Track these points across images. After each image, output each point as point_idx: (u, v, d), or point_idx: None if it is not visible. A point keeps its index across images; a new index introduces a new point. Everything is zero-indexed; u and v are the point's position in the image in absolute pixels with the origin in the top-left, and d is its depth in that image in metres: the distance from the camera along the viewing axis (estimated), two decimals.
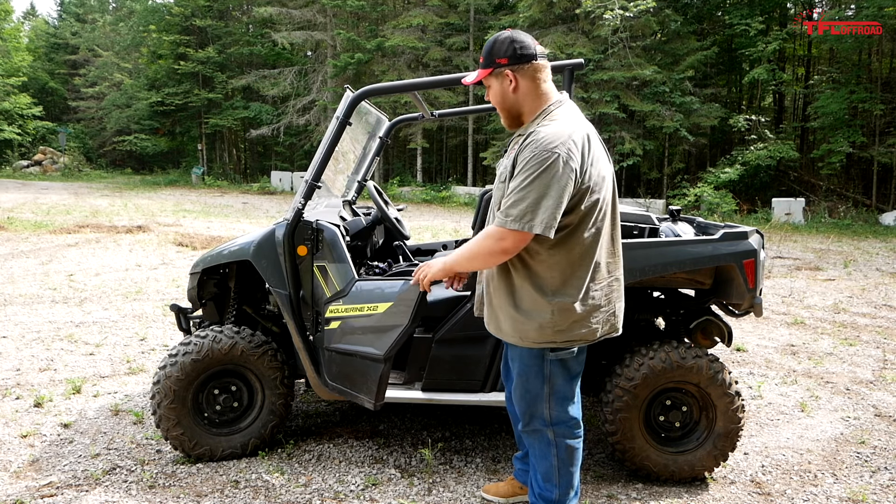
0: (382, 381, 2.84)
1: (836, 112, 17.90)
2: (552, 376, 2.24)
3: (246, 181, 31.02)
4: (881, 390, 4.37)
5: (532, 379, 2.26)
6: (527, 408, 2.30)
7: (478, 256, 2.14)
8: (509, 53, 2.11)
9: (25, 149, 36.20)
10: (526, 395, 2.29)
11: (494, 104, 2.23)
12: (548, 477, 2.34)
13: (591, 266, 2.15)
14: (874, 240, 13.61)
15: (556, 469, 2.32)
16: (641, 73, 18.38)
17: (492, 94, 2.21)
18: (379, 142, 4.35)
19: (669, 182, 20.76)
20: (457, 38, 24.53)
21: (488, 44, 2.17)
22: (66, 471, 3.06)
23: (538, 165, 1.99)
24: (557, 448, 2.30)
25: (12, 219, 13.21)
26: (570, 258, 2.13)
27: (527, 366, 2.26)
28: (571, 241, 2.11)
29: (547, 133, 2.03)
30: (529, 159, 2.01)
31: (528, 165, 2.01)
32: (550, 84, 2.20)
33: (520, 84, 2.14)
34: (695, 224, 3.42)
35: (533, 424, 2.31)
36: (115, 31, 40.08)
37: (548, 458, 2.32)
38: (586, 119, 2.25)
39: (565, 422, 2.29)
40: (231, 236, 10.78)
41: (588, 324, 2.18)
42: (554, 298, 2.14)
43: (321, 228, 3.04)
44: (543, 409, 2.27)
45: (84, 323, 5.74)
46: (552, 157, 1.98)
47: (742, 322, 6.15)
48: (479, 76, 2.19)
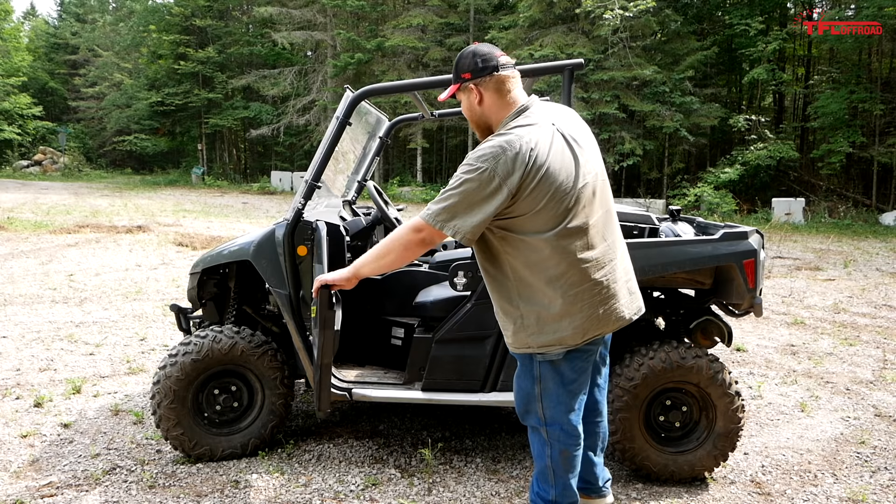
0: (323, 388, 2.65)
1: (836, 112, 17.90)
2: (542, 378, 2.23)
3: (246, 181, 31.03)
4: (881, 390, 4.37)
5: (524, 378, 2.29)
6: (522, 405, 2.33)
7: (390, 251, 2.15)
8: (472, 67, 2.12)
9: (25, 149, 36.21)
10: (520, 393, 2.32)
11: (466, 118, 2.24)
12: (544, 477, 2.34)
13: (561, 270, 2.09)
14: (874, 240, 13.61)
15: (551, 470, 2.31)
16: (641, 73, 18.38)
17: (463, 108, 2.24)
18: (379, 142, 4.35)
19: (669, 182, 20.76)
20: (457, 38, 24.52)
21: (456, 59, 2.20)
22: (66, 471, 3.06)
23: (466, 174, 2.03)
24: (551, 449, 2.28)
25: (12, 219, 13.21)
26: (532, 265, 2.10)
27: (521, 364, 2.30)
28: (534, 246, 2.07)
29: (487, 145, 2.04)
30: (463, 166, 2.05)
31: (460, 171, 2.06)
32: (518, 92, 2.18)
33: (484, 96, 2.15)
34: (695, 224, 3.42)
35: (528, 420, 2.33)
36: (115, 31, 40.10)
37: (543, 459, 2.32)
38: (574, 116, 2.24)
39: (560, 425, 2.24)
40: (231, 236, 10.77)
41: (563, 329, 2.12)
42: (522, 304, 2.15)
43: (317, 228, 3.04)
44: (537, 408, 2.27)
45: (84, 323, 5.74)
46: (479, 169, 2.00)
47: (742, 322, 6.15)
48: (450, 92, 2.22)
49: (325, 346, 2.59)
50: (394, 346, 3.37)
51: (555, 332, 2.13)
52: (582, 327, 2.14)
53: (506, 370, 2.97)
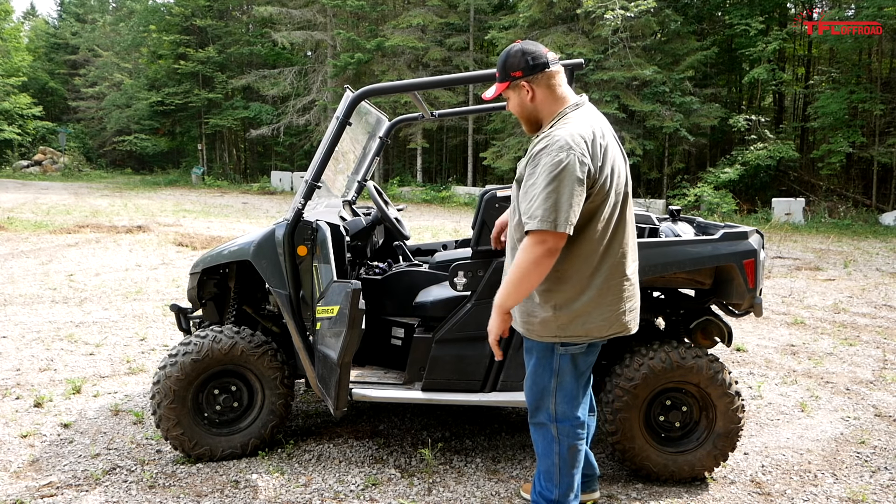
0: (341, 387, 2.75)
1: (836, 112, 17.89)
2: (560, 372, 2.28)
3: (246, 181, 31.02)
4: (881, 390, 4.37)
5: (541, 372, 2.31)
6: (534, 400, 2.35)
7: (526, 274, 2.09)
8: (523, 65, 2.18)
9: (25, 149, 36.19)
10: (534, 388, 2.34)
11: (515, 114, 2.31)
12: (549, 476, 2.36)
13: (596, 263, 2.19)
14: (874, 240, 13.61)
15: (558, 468, 2.34)
16: (641, 73, 18.37)
17: (511, 105, 2.29)
18: (379, 142, 4.35)
19: (669, 182, 20.75)
20: (457, 38, 24.53)
21: (501, 58, 2.24)
22: (66, 471, 3.06)
23: (554, 167, 2.05)
24: (560, 446, 2.33)
25: (12, 219, 13.21)
26: (575, 255, 2.17)
27: (538, 358, 2.31)
28: (579, 238, 2.15)
29: (560, 135, 2.09)
30: (546, 162, 2.07)
31: (544, 168, 2.07)
32: (566, 88, 2.27)
33: (536, 93, 2.21)
34: (695, 224, 3.42)
35: (538, 417, 2.36)
36: (115, 31, 40.06)
37: (550, 457, 2.34)
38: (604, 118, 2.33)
39: (570, 420, 2.32)
40: (231, 236, 10.78)
41: (592, 321, 2.21)
42: (559, 292, 2.19)
43: (317, 228, 3.04)
44: (550, 403, 2.31)
45: (84, 323, 5.74)
46: (566, 157, 2.04)
47: (742, 322, 6.15)
48: (498, 91, 2.27)
49: (349, 345, 2.65)
50: (394, 346, 3.37)
51: (584, 323, 2.20)
52: (608, 320, 2.22)
53: (506, 370, 2.97)
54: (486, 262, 2.97)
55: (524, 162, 2.23)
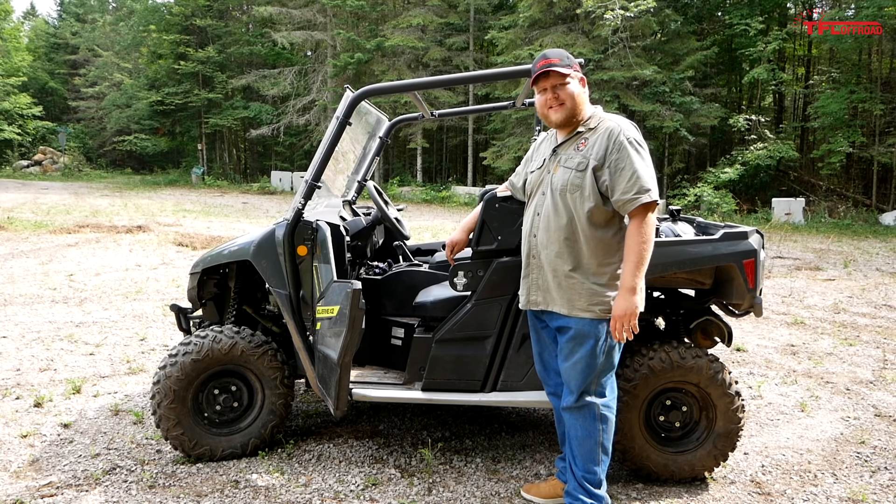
0: (341, 387, 2.75)
1: (835, 112, 17.89)
2: (610, 349, 2.44)
3: (246, 181, 31.02)
4: (881, 390, 4.37)
5: (590, 353, 2.42)
6: (583, 383, 2.45)
7: (647, 242, 2.31)
8: (574, 63, 2.46)
9: (25, 149, 36.19)
10: (586, 370, 2.44)
11: (566, 102, 2.44)
12: (591, 458, 2.47)
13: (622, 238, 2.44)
14: (874, 240, 13.61)
15: (600, 447, 2.47)
16: (641, 73, 18.37)
17: (568, 91, 2.43)
18: (379, 142, 4.34)
19: (669, 182, 20.75)
20: (457, 38, 24.53)
21: (560, 52, 2.46)
22: (66, 471, 3.06)
23: (637, 145, 2.36)
24: (604, 423, 2.47)
25: (12, 219, 13.21)
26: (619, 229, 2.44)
27: (595, 339, 2.41)
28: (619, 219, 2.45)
29: (620, 122, 2.41)
30: (626, 142, 2.34)
31: (629, 146, 2.34)
32: None
33: (585, 88, 2.50)
34: (695, 224, 3.41)
35: (584, 399, 2.46)
36: (115, 31, 40.07)
37: (593, 436, 2.46)
38: None
39: (613, 396, 2.55)
40: (231, 236, 10.77)
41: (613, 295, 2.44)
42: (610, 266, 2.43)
43: (317, 228, 3.04)
44: (595, 382, 2.46)
45: (84, 323, 5.74)
46: (639, 139, 2.39)
47: (742, 322, 6.15)
48: (572, 70, 2.43)
49: (349, 345, 2.66)
50: (394, 346, 3.37)
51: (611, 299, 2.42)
52: None
53: (506, 370, 2.97)
54: (486, 262, 2.96)
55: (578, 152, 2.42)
